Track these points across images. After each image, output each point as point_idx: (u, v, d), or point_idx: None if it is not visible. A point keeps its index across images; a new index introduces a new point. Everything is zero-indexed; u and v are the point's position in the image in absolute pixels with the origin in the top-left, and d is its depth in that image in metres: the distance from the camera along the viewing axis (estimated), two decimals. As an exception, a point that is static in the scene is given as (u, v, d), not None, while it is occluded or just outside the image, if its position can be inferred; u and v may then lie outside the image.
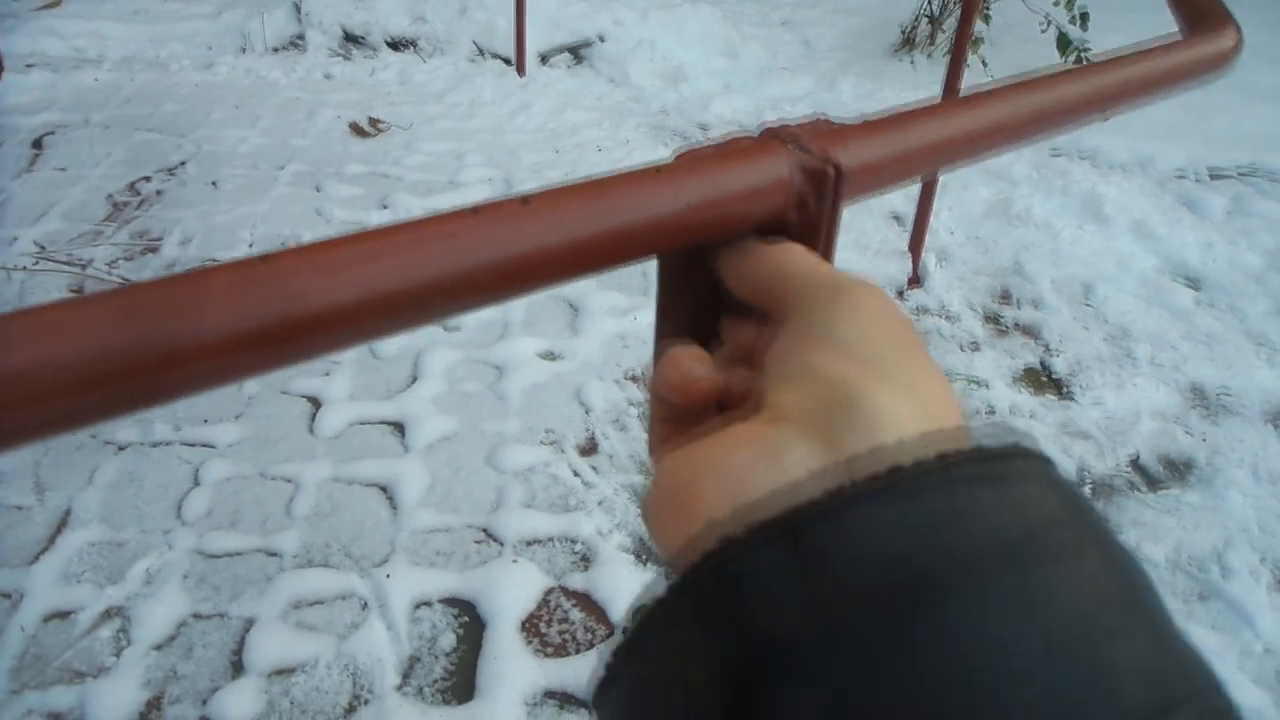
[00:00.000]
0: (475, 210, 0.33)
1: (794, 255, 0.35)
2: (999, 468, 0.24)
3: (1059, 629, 0.21)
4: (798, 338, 0.30)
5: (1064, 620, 0.21)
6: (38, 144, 3.72)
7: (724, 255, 0.37)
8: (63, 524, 1.97)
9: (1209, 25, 0.89)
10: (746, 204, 0.37)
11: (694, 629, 0.23)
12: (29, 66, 4.47)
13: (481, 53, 4.88)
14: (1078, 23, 4.64)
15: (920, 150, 0.45)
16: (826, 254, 0.38)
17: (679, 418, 0.35)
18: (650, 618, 0.24)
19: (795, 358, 0.29)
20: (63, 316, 0.26)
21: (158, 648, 1.72)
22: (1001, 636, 0.20)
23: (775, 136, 0.39)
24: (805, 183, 0.37)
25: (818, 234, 0.38)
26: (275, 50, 4.88)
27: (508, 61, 4.77)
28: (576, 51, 4.88)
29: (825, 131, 0.41)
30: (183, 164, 3.59)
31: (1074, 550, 0.23)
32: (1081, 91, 0.58)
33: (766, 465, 0.25)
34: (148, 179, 3.46)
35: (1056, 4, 4.67)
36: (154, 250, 2.99)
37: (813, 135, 0.40)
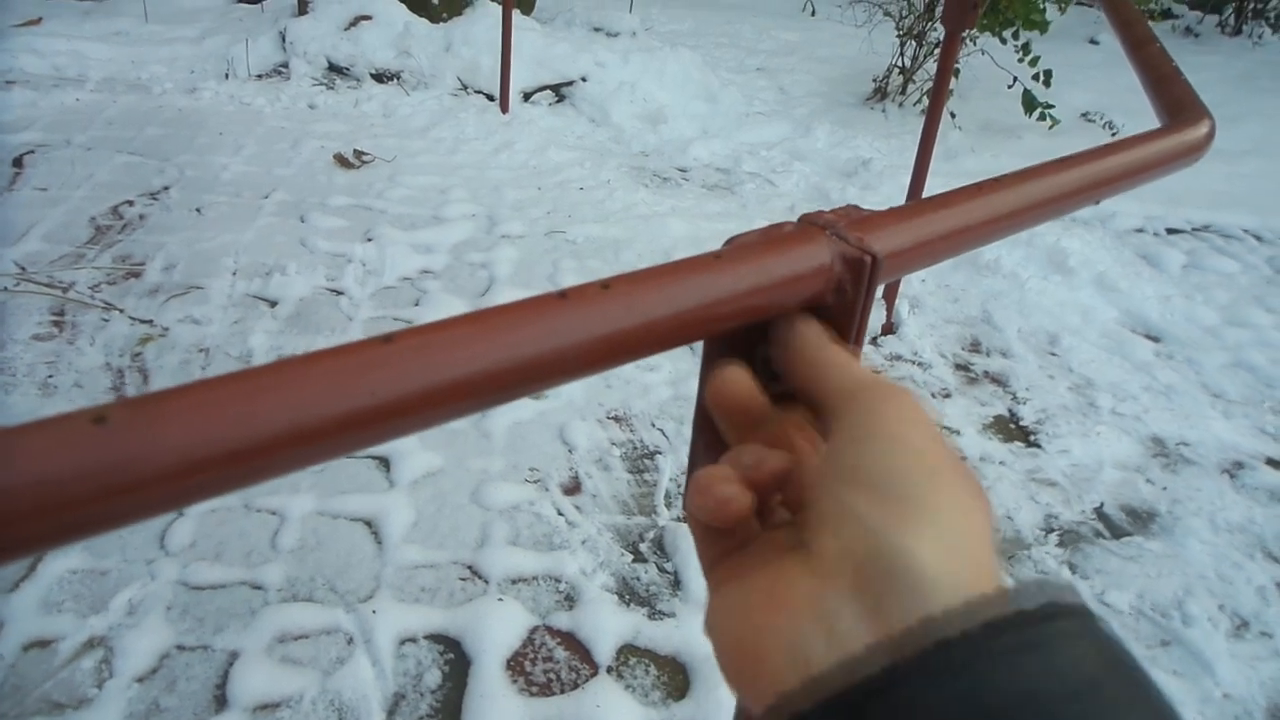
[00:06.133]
0: (563, 294, 0.38)
1: (829, 354, 0.38)
2: (1041, 632, 0.26)
3: None
4: (833, 464, 0.32)
5: None
6: (18, 163, 3.70)
7: (775, 337, 0.41)
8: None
9: (1187, 116, 0.96)
10: (792, 288, 0.41)
11: None
12: (9, 84, 4.46)
13: (465, 88, 4.94)
14: (1041, 79, 4.82)
15: (943, 236, 0.50)
16: (859, 333, 0.43)
17: (721, 536, 0.37)
18: None
19: (832, 492, 0.31)
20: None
21: (140, 680, 1.71)
22: None
23: (813, 224, 0.44)
24: (844, 269, 0.42)
25: (853, 315, 0.42)
26: (259, 77, 4.90)
27: (490, 97, 4.84)
28: (559, 90, 4.96)
29: (858, 219, 0.46)
30: (166, 189, 3.59)
31: (1117, 708, 0.25)
32: (1080, 178, 0.64)
33: (825, 638, 0.28)
34: (130, 203, 3.46)
35: (1020, 61, 4.85)
36: (137, 275, 2.98)
37: (848, 223, 0.44)
